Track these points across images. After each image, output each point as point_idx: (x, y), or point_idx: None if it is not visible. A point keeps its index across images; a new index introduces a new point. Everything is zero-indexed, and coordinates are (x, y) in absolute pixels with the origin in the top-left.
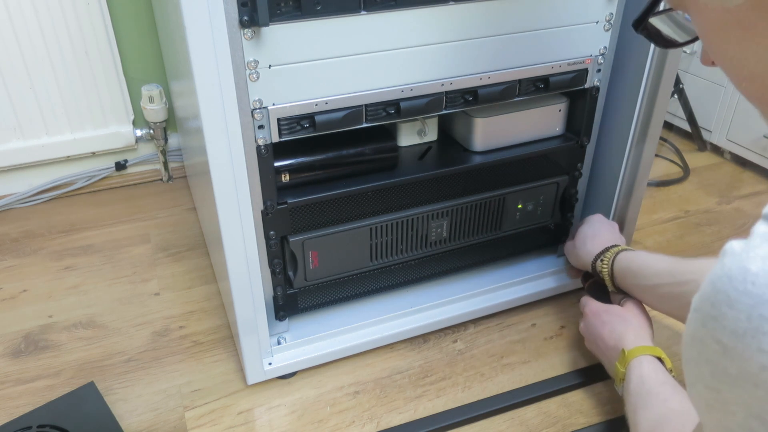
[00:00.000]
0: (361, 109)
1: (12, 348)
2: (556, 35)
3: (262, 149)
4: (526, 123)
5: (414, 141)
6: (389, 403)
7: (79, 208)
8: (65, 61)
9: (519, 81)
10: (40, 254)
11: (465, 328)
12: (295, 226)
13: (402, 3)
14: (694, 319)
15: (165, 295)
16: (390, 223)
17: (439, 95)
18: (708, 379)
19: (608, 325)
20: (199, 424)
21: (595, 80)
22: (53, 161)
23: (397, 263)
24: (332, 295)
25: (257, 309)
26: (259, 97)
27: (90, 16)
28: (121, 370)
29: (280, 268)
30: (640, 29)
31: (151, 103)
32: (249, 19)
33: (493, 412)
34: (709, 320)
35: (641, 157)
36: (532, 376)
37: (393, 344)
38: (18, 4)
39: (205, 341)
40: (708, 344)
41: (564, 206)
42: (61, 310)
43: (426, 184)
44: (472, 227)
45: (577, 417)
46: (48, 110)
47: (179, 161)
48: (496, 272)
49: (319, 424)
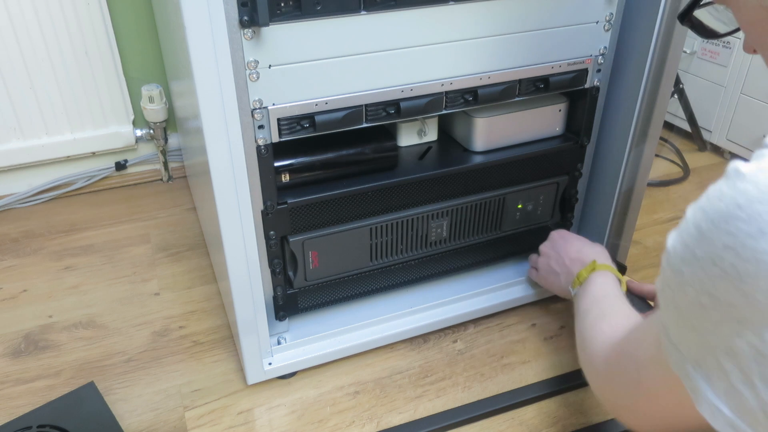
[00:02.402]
0: (361, 109)
1: (12, 348)
2: (556, 35)
3: (262, 149)
4: (526, 123)
5: (414, 141)
6: (389, 403)
7: (79, 208)
8: (65, 61)
9: (519, 81)
10: (40, 254)
11: (465, 328)
12: (295, 226)
13: (402, 3)
14: (688, 212)
15: (165, 295)
16: (390, 223)
17: (439, 95)
18: (677, 262)
19: (578, 242)
20: (199, 424)
21: (595, 80)
22: (53, 161)
23: (397, 263)
24: (332, 295)
25: (257, 309)
26: (259, 97)
27: (90, 16)
28: (121, 370)
29: (280, 268)
30: (685, 21)
31: (151, 103)
32: (249, 19)
33: (493, 412)
34: (698, 211)
35: (641, 157)
36: (532, 376)
37: (393, 344)
38: (18, 4)
39: (205, 341)
40: (689, 230)
41: (564, 206)
42: (61, 310)
43: (426, 184)
44: (472, 227)
45: (577, 417)
46: (48, 110)
47: (179, 161)
48: (496, 272)
49: (319, 424)
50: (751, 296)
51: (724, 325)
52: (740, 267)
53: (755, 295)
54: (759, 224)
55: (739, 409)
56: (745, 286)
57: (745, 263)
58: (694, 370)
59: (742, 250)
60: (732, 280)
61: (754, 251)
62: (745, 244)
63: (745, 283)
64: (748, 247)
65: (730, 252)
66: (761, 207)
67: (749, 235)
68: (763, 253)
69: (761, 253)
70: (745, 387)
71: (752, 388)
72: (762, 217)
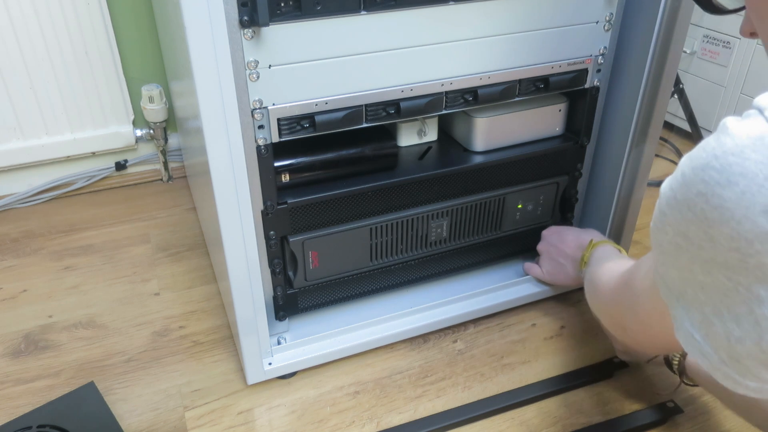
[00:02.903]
0: (361, 109)
1: (12, 348)
2: (556, 35)
3: (262, 149)
4: (526, 123)
5: (414, 141)
6: (389, 403)
7: (79, 208)
8: (65, 61)
9: (519, 81)
10: (40, 254)
11: (465, 328)
12: (295, 226)
13: (402, 3)
14: (681, 160)
15: (165, 295)
16: (390, 223)
17: (439, 95)
18: (663, 204)
19: (571, 232)
20: (199, 424)
21: (595, 80)
22: (53, 161)
23: (397, 263)
24: (332, 295)
25: (257, 309)
26: (259, 97)
27: (90, 16)
28: (121, 370)
29: (280, 268)
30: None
31: (151, 103)
32: (249, 19)
33: (493, 412)
34: (686, 158)
35: (641, 157)
36: (532, 376)
37: (393, 344)
38: (18, 4)
39: (205, 341)
40: (676, 176)
41: (564, 206)
42: (61, 310)
43: (426, 184)
44: (472, 227)
45: (577, 417)
46: (48, 110)
47: (179, 161)
48: (496, 272)
49: (319, 424)
50: (717, 241)
51: (695, 264)
52: (708, 213)
53: (720, 240)
54: (728, 175)
55: (708, 335)
56: (712, 230)
57: (713, 210)
58: (677, 300)
59: (711, 197)
60: (701, 224)
61: (721, 199)
62: (714, 192)
63: (711, 228)
64: (716, 195)
65: (701, 198)
66: (733, 159)
67: (718, 184)
68: (728, 201)
69: (727, 201)
70: (715, 317)
71: (720, 317)
72: (732, 168)
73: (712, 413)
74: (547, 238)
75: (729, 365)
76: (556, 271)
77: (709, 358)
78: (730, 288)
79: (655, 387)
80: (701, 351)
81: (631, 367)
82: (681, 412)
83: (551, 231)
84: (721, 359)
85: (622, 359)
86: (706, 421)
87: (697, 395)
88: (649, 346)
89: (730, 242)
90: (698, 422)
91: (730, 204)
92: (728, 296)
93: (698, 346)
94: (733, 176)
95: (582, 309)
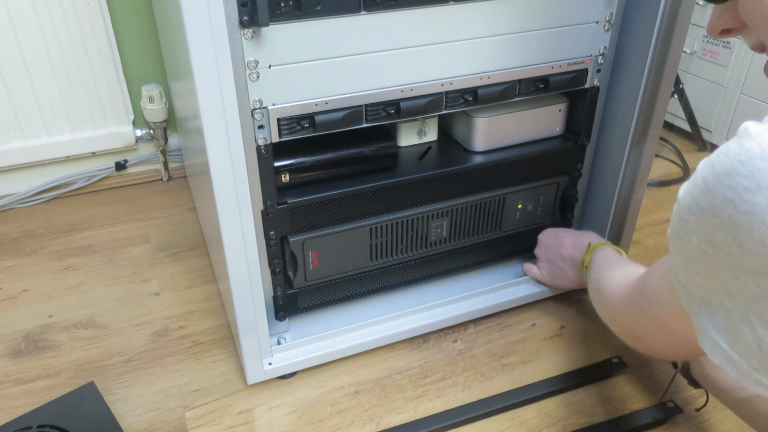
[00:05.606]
0: (361, 109)
1: (12, 348)
2: (556, 35)
3: (262, 149)
4: (526, 123)
5: (414, 141)
6: (389, 403)
7: (79, 208)
8: (65, 61)
9: (519, 81)
10: (40, 254)
11: (465, 328)
12: (295, 226)
13: (402, 3)
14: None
15: (165, 295)
16: (390, 223)
17: (439, 95)
18: (684, 212)
19: (567, 234)
20: (199, 424)
21: (595, 80)
22: (53, 161)
23: (397, 263)
24: (332, 295)
25: (257, 309)
26: (259, 97)
27: (90, 16)
28: (121, 370)
29: (280, 268)
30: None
31: (151, 103)
32: (249, 19)
33: (493, 412)
34: (706, 164)
35: (641, 157)
36: (532, 376)
37: (393, 344)
38: (18, 4)
39: (205, 341)
40: (697, 182)
41: (564, 206)
42: (61, 310)
43: (426, 184)
44: (472, 227)
45: (577, 417)
46: (48, 110)
47: (179, 161)
48: (496, 272)
49: (319, 424)
50: (746, 246)
51: (722, 270)
52: (737, 219)
53: (749, 245)
54: (757, 180)
55: (736, 343)
56: (741, 236)
57: (741, 215)
58: (700, 308)
59: (739, 203)
60: (729, 230)
61: (750, 204)
62: (742, 198)
63: (740, 233)
64: (745, 201)
65: (729, 204)
66: (761, 164)
67: (747, 189)
68: (758, 206)
69: (756, 206)
70: (742, 324)
71: (749, 324)
72: (761, 173)
73: (712, 413)
74: (544, 242)
75: (761, 372)
76: (556, 275)
77: (737, 366)
78: (759, 294)
79: (655, 387)
80: (728, 359)
81: (631, 367)
82: (681, 412)
83: (547, 234)
84: (751, 366)
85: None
86: (706, 421)
87: (697, 395)
88: (668, 354)
89: (760, 248)
90: (698, 422)
91: (760, 209)
92: (756, 302)
93: (725, 354)
94: (762, 181)
95: (582, 309)
